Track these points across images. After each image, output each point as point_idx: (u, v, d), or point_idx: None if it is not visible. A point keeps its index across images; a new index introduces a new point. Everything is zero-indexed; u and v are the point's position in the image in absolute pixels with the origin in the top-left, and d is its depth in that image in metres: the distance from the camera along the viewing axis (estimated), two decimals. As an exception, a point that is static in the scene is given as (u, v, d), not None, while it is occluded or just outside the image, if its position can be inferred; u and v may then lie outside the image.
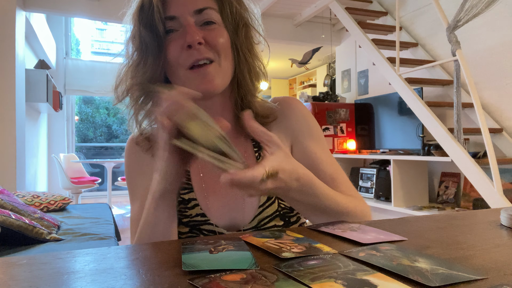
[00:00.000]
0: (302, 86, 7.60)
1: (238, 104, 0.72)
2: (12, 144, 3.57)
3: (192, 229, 0.69)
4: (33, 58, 4.93)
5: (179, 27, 0.65)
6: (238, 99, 0.72)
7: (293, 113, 0.76)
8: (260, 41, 0.74)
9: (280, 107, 0.76)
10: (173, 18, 0.64)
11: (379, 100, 3.98)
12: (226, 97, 0.72)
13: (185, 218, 0.69)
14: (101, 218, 2.56)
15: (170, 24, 0.65)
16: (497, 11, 2.88)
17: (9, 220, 1.74)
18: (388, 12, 4.22)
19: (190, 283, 0.34)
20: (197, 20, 0.65)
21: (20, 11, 3.78)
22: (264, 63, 0.74)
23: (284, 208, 0.71)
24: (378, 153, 3.94)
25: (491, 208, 1.10)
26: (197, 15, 0.65)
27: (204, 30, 0.65)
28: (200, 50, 0.63)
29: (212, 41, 0.65)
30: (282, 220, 0.70)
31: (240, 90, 0.71)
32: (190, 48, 0.63)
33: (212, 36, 0.65)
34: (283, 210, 0.71)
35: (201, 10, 0.65)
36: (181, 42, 0.64)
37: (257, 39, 0.73)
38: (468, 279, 0.35)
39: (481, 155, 2.73)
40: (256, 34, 0.73)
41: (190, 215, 0.69)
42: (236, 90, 0.72)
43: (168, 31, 0.65)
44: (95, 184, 5.20)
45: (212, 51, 0.65)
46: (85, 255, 0.44)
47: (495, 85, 3.05)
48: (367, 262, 0.39)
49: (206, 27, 0.66)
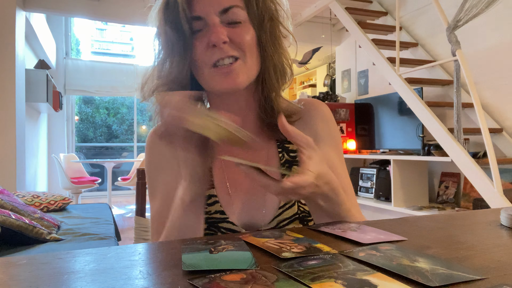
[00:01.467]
0: (302, 86, 7.59)
1: (261, 101, 0.71)
2: (12, 144, 3.57)
3: (210, 226, 0.69)
4: (33, 58, 4.93)
5: (204, 26, 0.64)
6: (262, 97, 0.71)
7: (318, 116, 0.75)
8: (287, 35, 0.72)
9: (305, 108, 0.75)
10: (198, 18, 0.64)
11: (379, 100, 3.98)
12: (250, 93, 0.71)
13: (204, 215, 0.69)
14: (101, 218, 2.56)
15: (195, 24, 0.64)
16: (497, 11, 2.88)
17: (9, 220, 1.74)
18: (388, 12, 4.22)
19: (190, 283, 0.34)
20: (223, 19, 0.64)
21: (20, 11, 3.78)
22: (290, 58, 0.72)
23: (303, 212, 0.70)
24: (378, 153, 3.94)
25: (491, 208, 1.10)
26: (223, 14, 0.64)
27: (230, 28, 0.64)
28: (224, 48, 0.63)
29: (237, 39, 0.64)
30: (301, 223, 0.70)
31: (264, 87, 0.70)
32: (215, 47, 0.63)
33: (237, 34, 0.64)
34: (302, 214, 0.70)
35: (226, 10, 0.64)
36: (205, 40, 0.63)
37: (284, 33, 0.71)
38: (468, 279, 0.35)
39: (481, 155, 2.73)
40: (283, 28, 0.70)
41: (210, 212, 0.69)
42: (261, 87, 0.70)
43: (193, 30, 0.65)
44: (95, 184, 5.20)
45: (237, 49, 0.64)
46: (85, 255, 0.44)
47: (495, 85, 3.05)
48: (367, 262, 0.39)
49: (231, 25, 0.65)
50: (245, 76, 0.65)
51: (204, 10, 0.63)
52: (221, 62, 0.63)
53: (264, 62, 0.68)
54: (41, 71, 4.37)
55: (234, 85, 0.64)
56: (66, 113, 6.64)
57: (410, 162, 3.41)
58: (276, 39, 0.69)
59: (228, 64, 0.63)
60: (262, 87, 0.70)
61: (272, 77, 0.69)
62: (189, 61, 0.65)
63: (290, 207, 0.70)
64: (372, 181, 3.79)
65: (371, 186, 3.80)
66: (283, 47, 0.71)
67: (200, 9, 0.63)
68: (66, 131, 6.63)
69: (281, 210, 0.69)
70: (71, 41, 7.13)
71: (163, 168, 0.72)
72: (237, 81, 0.64)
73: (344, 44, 5.12)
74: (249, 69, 0.65)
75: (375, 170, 3.78)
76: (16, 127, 3.61)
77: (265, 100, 0.71)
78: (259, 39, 0.67)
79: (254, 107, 0.72)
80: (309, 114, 0.75)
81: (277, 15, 0.69)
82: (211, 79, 0.65)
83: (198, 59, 0.64)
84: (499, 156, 2.86)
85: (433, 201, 3.53)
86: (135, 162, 5.97)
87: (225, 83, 0.63)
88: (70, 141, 6.75)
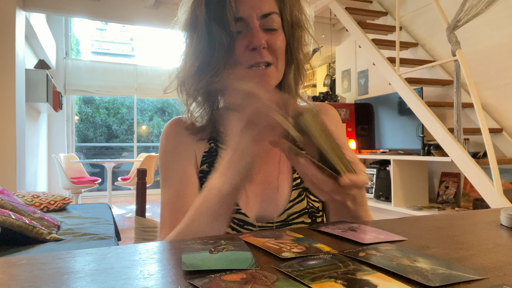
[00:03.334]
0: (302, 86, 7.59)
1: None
2: (12, 144, 3.57)
3: None
4: (33, 58, 4.93)
5: (244, 28, 0.67)
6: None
7: (328, 119, 0.79)
8: (309, 43, 0.76)
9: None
10: (240, 19, 0.67)
11: (379, 100, 3.98)
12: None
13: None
14: (101, 218, 2.56)
15: (237, 24, 0.67)
16: (497, 11, 2.88)
17: (9, 220, 1.74)
18: (388, 12, 4.23)
19: (190, 283, 0.34)
20: (261, 23, 0.67)
21: (20, 11, 3.78)
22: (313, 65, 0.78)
23: (311, 207, 0.73)
24: (378, 153, 3.94)
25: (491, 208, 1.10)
26: (263, 19, 0.67)
27: (267, 34, 0.68)
28: (263, 53, 0.66)
29: (273, 46, 0.68)
30: (309, 218, 0.72)
31: (282, 89, 0.74)
32: (254, 50, 0.66)
33: (274, 41, 0.68)
34: (311, 209, 0.72)
35: (267, 15, 0.67)
36: (245, 42, 0.66)
37: (308, 40, 0.76)
38: (468, 279, 0.35)
39: (481, 155, 2.73)
40: (308, 36, 0.75)
41: None
42: (279, 88, 0.74)
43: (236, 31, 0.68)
44: (95, 184, 5.20)
45: (272, 55, 0.68)
46: (85, 255, 0.44)
47: (495, 85, 3.05)
48: (367, 262, 0.39)
49: (267, 31, 0.68)
50: (276, 80, 0.70)
51: (247, 12, 0.66)
52: (257, 65, 0.67)
53: (288, 66, 0.73)
54: (41, 71, 4.37)
55: (267, 88, 0.68)
56: (66, 113, 6.64)
57: (410, 162, 3.41)
58: (302, 46, 0.74)
59: (263, 67, 0.67)
60: (280, 89, 0.74)
61: (291, 80, 0.74)
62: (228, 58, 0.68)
63: (300, 201, 0.72)
64: (372, 181, 3.80)
65: (371, 186, 3.81)
66: (307, 53, 0.76)
67: (243, 10, 0.66)
68: (66, 131, 6.63)
69: (291, 203, 0.72)
70: (71, 41, 7.13)
71: (179, 157, 0.74)
72: (269, 85, 0.68)
73: (344, 44, 5.12)
74: (279, 74, 0.70)
75: (375, 170, 3.78)
76: (16, 127, 3.61)
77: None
78: (288, 45, 0.72)
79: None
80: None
81: (305, 25, 0.74)
82: (243, 79, 0.68)
83: (236, 59, 0.67)
84: (499, 156, 2.86)
85: (433, 201, 3.53)
86: (135, 162, 5.97)
87: (259, 84, 0.67)
88: (70, 141, 6.75)
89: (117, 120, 10.40)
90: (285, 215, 0.71)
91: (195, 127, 0.75)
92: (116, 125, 10.37)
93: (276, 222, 0.70)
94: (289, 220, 0.71)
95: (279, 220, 0.70)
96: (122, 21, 4.68)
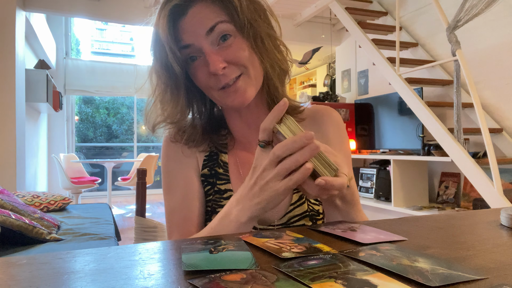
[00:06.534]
0: (302, 86, 7.60)
1: (269, 102, 0.75)
2: (12, 144, 3.57)
3: None
4: (33, 58, 4.93)
5: (198, 51, 0.65)
6: (269, 98, 0.74)
7: (330, 122, 0.78)
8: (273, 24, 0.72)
9: (318, 114, 0.78)
10: (188, 46, 0.65)
11: (379, 100, 3.98)
12: (258, 97, 0.73)
13: (219, 208, 0.71)
14: (101, 218, 2.56)
15: (188, 51, 0.65)
16: (497, 11, 2.88)
17: (9, 220, 1.74)
18: (388, 12, 4.23)
19: (190, 283, 0.34)
20: (212, 39, 0.64)
21: (20, 11, 3.78)
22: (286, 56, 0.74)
23: (312, 210, 0.73)
24: (378, 153, 3.94)
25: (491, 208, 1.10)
26: (211, 34, 0.64)
27: (222, 50, 0.64)
28: (226, 74, 0.64)
29: (234, 58, 0.65)
30: (310, 221, 0.72)
31: (269, 87, 0.73)
32: (217, 75, 0.64)
33: (232, 54, 0.64)
34: (311, 212, 0.72)
35: (212, 29, 0.63)
36: (204, 69, 0.65)
37: (273, 31, 0.71)
38: (468, 279, 0.35)
39: (481, 155, 2.73)
40: (270, 26, 0.71)
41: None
42: (266, 89, 0.73)
43: (191, 58, 0.66)
44: (95, 184, 5.20)
45: (237, 67, 0.65)
46: (85, 255, 0.44)
47: (495, 85, 3.06)
48: (367, 262, 0.39)
49: (223, 44, 0.64)
50: (253, 88, 0.68)
51: (192, 37, 0.64)
52: (226, 85, 0.65)
53: (263, 63, 0.69)
54: (41, 71, 4.37)
55: (244, 100, 0.67)
56: (66, 113, 6.64)
57: (410, 162, 3.41)
58: (266, 38, 0.69)
59: (233, 83, 0.65)
60: (268, 88, 0.73)
61: (273, 76, 0.71)
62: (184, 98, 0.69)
63: (300, 204, 0.72)
64: (372, 181, 3.79)
65: (371, 186, 3.81)
66: (276, 43, 0.71)
67: (187, 37, 0.64)
68: (66, 131, 6.64)
69: (292, 207, 0.72)
70: (71, 41, 7.13)
71: (182, 163, 0.74)
72: (246, 96, 0.67)
73: (344, 44, 5.12)
74: (254, 79, 0.68)
75: (375, 170, 3.78)
76: (16, 127, 3.61)
77: (272, 101, 0.74)
78: (253, 45, 0.67)
79: (264, 110, 0.75)
80: (322, 120, 0.78)
81: (259, 14, 0.68)
82: (222, 100, 0.68)
83: (204, 85, 0.67)
84: (499, 156, 2.86)
85: (433, 201, 3.53)
86: (135, 162, 5.97)
87: (236, 101, 0.66)
88: (70, 141, 6.75)
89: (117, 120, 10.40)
90: (286, 218, 0.71)
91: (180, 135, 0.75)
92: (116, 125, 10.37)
93: (277, 225, 0.70)
94: (290, 223, 0.71)
95: (280, 223, 0.71)
96: (122, 21, 4.68)
